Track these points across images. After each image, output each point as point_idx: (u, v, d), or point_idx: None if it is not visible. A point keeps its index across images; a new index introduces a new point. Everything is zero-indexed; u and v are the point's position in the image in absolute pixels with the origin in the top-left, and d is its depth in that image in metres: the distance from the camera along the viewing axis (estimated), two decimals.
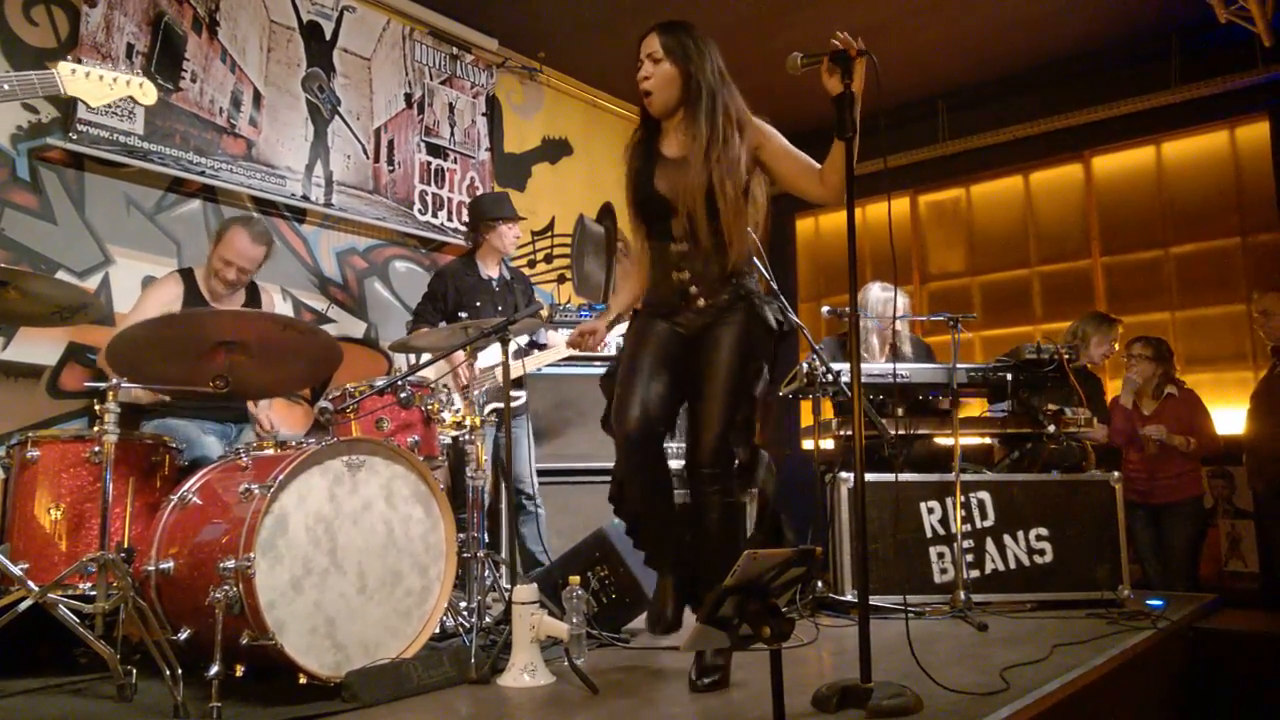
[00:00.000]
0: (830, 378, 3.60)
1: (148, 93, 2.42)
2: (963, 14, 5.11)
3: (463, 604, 2.85)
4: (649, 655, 2.67)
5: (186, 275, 3.37)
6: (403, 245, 4.82)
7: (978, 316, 5.93)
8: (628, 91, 6.14)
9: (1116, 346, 4.36)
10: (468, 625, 2.63)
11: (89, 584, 2.31)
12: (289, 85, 4.35)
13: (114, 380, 2.29)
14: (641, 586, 2.88)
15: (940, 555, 3.45)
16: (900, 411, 3.73)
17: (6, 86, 2.16)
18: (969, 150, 6.24)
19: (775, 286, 3.45)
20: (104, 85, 2.31)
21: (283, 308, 4.15)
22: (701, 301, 2.35)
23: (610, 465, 4.28)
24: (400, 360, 4.62)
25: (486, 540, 3.30)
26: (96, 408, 2.29)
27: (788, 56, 2.23)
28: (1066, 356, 3.64)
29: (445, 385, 3.46)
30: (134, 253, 3.76)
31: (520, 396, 3.87)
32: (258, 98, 4.21)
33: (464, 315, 3.67)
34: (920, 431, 3.80)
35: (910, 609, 3.17)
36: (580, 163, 5.93)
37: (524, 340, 3.94)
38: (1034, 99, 5.92)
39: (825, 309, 4.12)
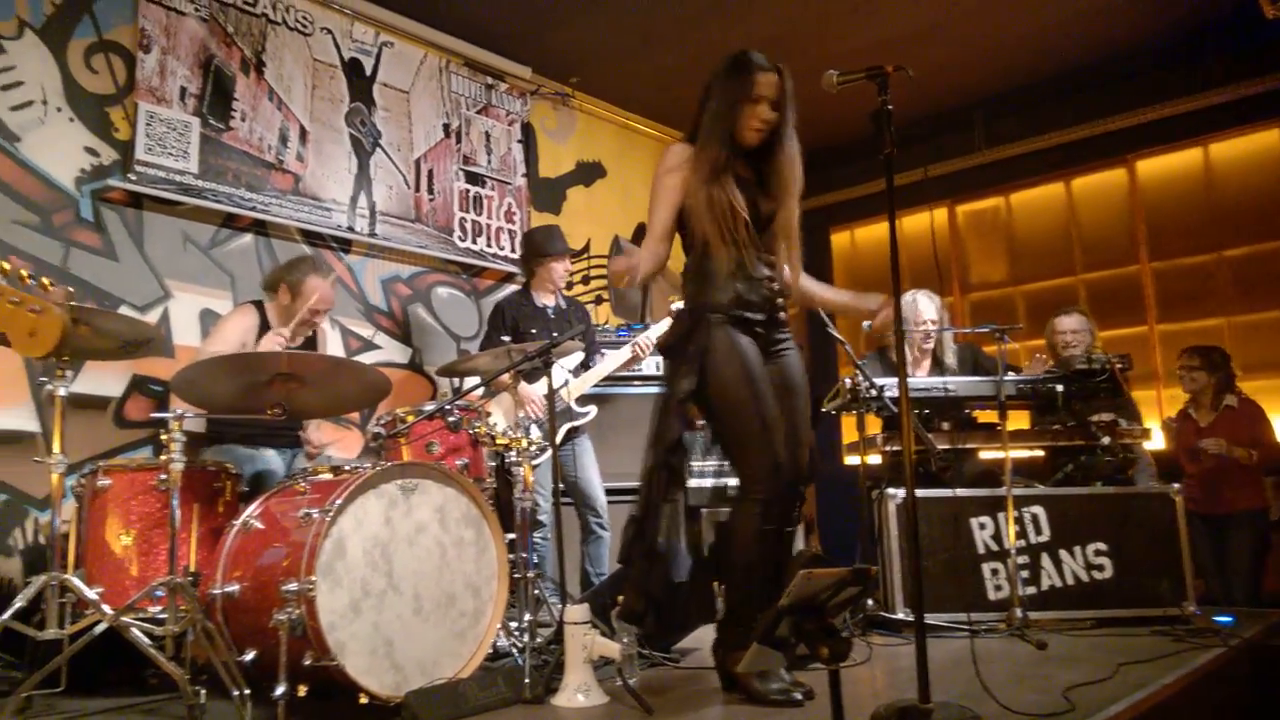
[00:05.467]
0: (874, 393, 3.59)
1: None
2: (999, 19, 5.08)
3: (513, 624, 2.88)
4: (701, 675, 2.67)
5: (259, 307, 3.49)
6: (444, 271, 4.92)
7: (1024, 326, 5.83)
8: (657, 112, 6.25)
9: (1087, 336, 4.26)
10: (520, 645, 2.66)
11: (159, 607, 2.39)
12: (333, 120, 4.47)
13: (179, 410, 2.37)
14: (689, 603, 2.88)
15: (994, 571, 3.40)
16: (947, 426, 3.70)
17: None
18: (1007, 158, 6.19)
19: None
20: None
21: (332, 336, 4.25)
22: (782, 314, 2.51)
23: None
24: (444, 384, 4.70)
25: (536, 561, 3.33)
26: (162, 437, 2.37)
27: (823, 74, 2.26)
28: (1119, 366, 3.58)
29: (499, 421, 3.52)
30: (191, 287, 3.88)
31: (588, 412, 3.92)
32: (304, 134, 4.33)
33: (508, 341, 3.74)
34: (969, 445, 3.76)
35: (966, 626, 3.12)
36: (614, 184, 6.00)
37: (576, 362, 4.01)
38: (1073, 104, 5.85)
39: (866, 323, 4.11)
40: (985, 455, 3.90)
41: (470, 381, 4.06)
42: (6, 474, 3.33)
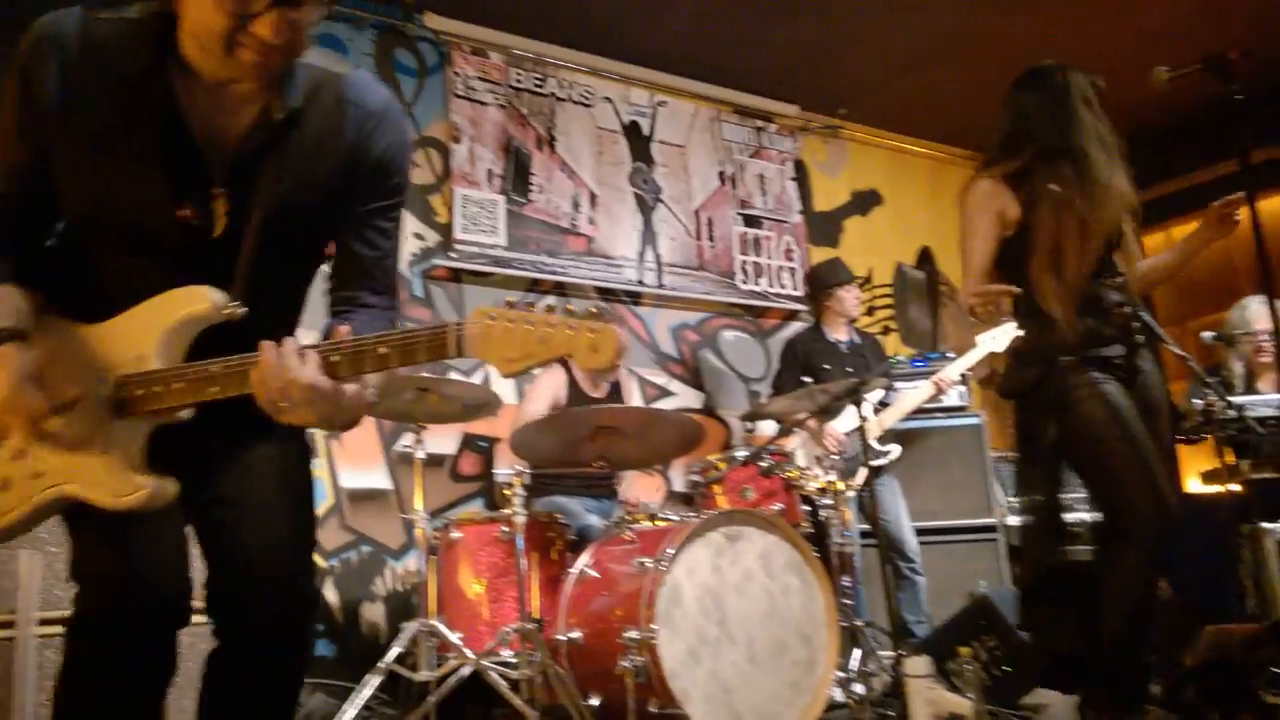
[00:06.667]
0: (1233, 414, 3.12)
1: None
2: None
3: (839, 673, 2.77)
4: None
5: (565, 364, 3.72)
6: (729, 315, 4.99)
7: None
8: (931, 132, 5.97)
9: None
10: (856, 698, 2.56)
11: (509, 651, 2.56)
12: (617, 182, 4.73)
13: (518, 466, 2.56)
14: (1036, 656, 2.63)
15: None
16: None
17: None
18: None
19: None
20: None
21: (634, 387, 4.44)
22: (1140, 337, 2.27)
23: (969, 522, 3.96)
24: (736, 426, 4.72)
25: (859, 607, 3.21)
26: (505, 491, 2.57)
27: (1152, 70, 2.06)
28: None
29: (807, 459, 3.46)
30: None
31: (891, 450, 3.76)
32: (593, 198, 4.62)
33: (810, 381, 3.68)
34: None
35: None
36: (890, 211, 5.80)
37: (877, 399, 3.87)
38: None
39: (1207, 334, 3.67)
40: None
41: (767, 422, 4.03)
42: (367, 527, 3.78)
